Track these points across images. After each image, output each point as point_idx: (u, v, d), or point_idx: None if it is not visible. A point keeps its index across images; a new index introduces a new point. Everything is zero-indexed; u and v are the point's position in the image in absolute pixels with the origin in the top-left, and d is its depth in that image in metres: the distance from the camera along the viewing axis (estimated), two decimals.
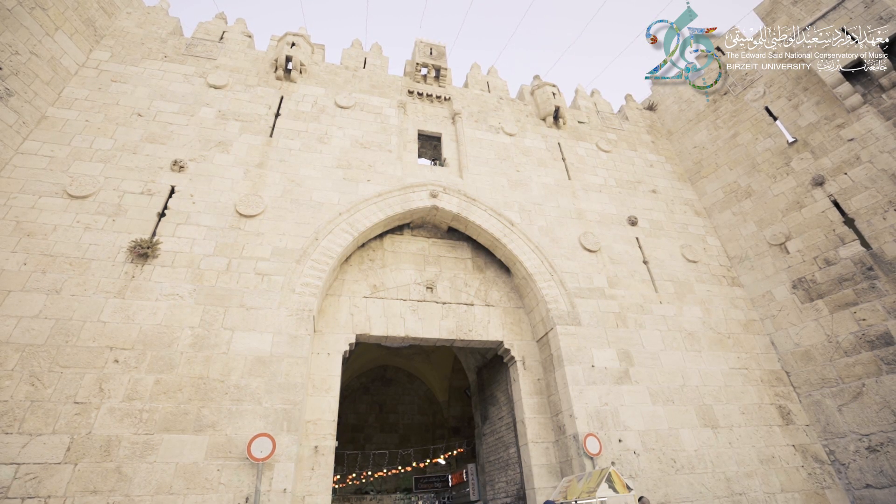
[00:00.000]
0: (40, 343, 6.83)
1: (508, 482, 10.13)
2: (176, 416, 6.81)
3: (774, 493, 9.02)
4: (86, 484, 6.04)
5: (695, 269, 12.04)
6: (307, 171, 10.38)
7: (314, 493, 7.42)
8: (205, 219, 8.91)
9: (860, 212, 10.49)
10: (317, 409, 8.15)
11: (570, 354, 9.32)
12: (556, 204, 12.04)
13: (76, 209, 8.30)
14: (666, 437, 8.98)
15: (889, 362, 9.27)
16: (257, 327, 7.92)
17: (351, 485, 17.46)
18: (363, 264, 10.25)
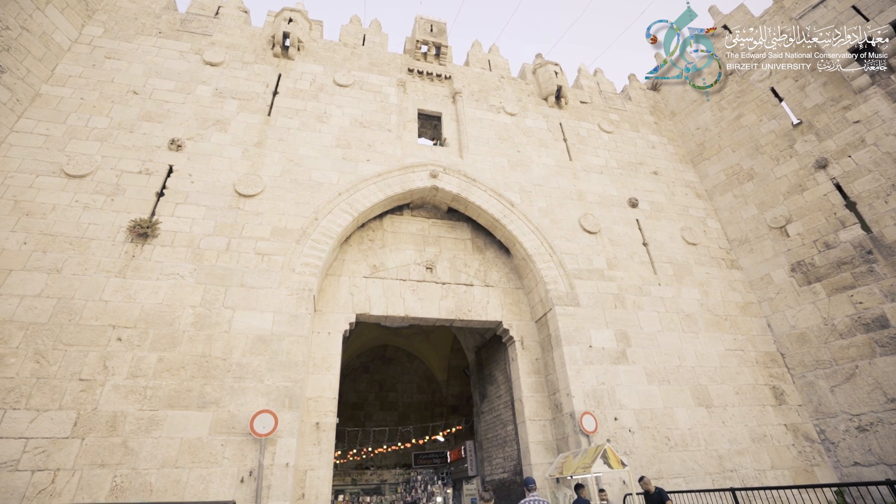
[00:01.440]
0: (43, 321, 6.89)
1: (506, 458, 10.37)
2: (179, 392, 6.92)
3: (765, 471, 9.24)
4: (93, 457, 6.19)
5: (694, 252, 12.06)
6: (306, 150, 10.29)
7: (316, 467, 7.61)
8: (204, 198, 8.87)
9: (862, 195, 10.44)
10: (318, 386, 8.29)
11: (569, 335, 9.42)
12: (556, 185, 11.97)
13: (74, 188, 8.27)
14: (661, 416, 9.15)
15: (883, 344, 9.38)
16: (258, 306, 7.98)
17: (352, 460, 17.88)
18: (363, 244, 10.27)
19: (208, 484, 6.44)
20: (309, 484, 7.45)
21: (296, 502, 7.22)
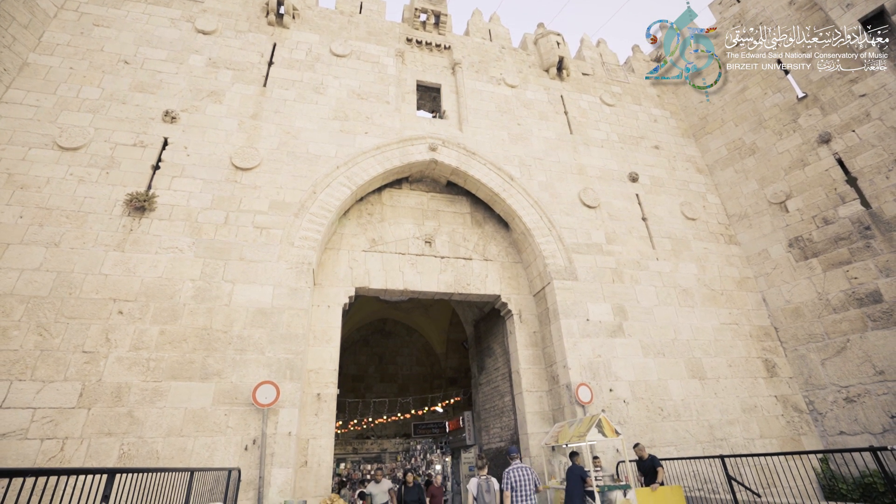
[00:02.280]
0: (44, 295, 6.92)
1: (503, 428, 10.65)
2: (182, 364, 7.03)
3: (753, 439, 9.53)
4: (100, 427, 6.33)
5: (693, 227, 12.07)
6: (303, 122, 10.13)
7: (318, 436, 7.81)
8: (200, 171, 8.78)
9: (864, 170, 10.39)
10: (318, 358, 8.42)
11: (566, 308, 9.53)
12: (556, 159, 11.86)
13: (68, 161, 8.16)
14: (655, 388, 9.36)
15: (875, 319, 9.52)
16: (258, 280, 8.02)
17: (353, 430, 18.34)
18: (361, 218, 10.23)
19: (213, 452, 6.62)
20: (311, 452, 7.67)
21: (299, 469, 7.44)
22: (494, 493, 6.35)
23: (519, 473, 6.36)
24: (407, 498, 7.76)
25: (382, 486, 8.02)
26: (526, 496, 6.18)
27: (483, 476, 6.52)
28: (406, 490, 7.90)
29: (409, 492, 7.85)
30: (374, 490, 7.96)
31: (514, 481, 6.29)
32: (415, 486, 8.04)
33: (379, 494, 7.81)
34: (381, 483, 8.07)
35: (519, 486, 6.25)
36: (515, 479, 6.31)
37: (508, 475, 6.40)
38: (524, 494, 6.17)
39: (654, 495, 7.32)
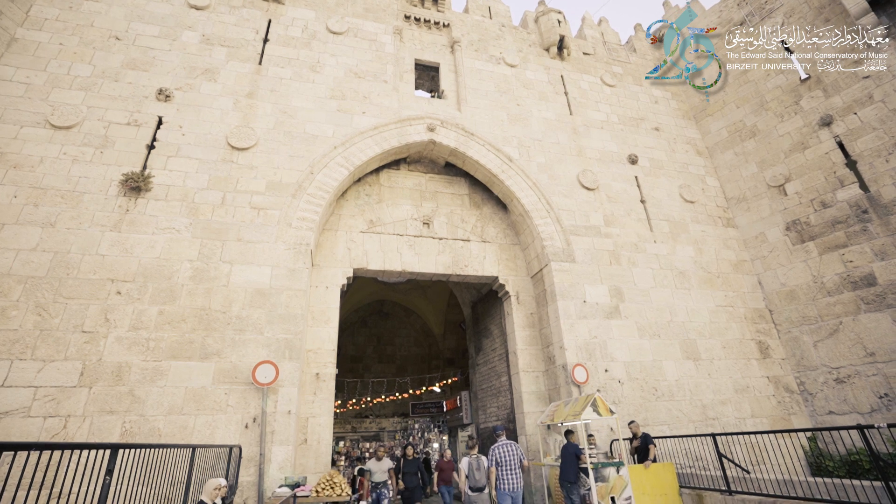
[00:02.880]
0: (41, 275, 6.91)
1: (499, 407, 10.82)
2: (181, 344, 7.08)
3: (745, 419, 9.73)
4: (102, 405, 6.41)
5: (691, 210, 12.07)
6: (300, 101, 9.98)
7: (317, 414, 7.94)
8: (196, 151, 8.68)
9: (864, 154, 10.35)
10: (317, 339, 8.49)
11: (564, 290, 9.58)
12: (555, 140, 11.76)
13: (61, 140, 8.04)
14: (650, 368, 9.50)
15: (868, 301, 9.62)
16: (255, 260, 8.02)
17: (352, 409, 18.61)
18: (359, 199, 10.18)
19: (214, 429, 6.73)
20: (311, 430, 7.80)
21: (298, 447, 7.58)
22: (484, 469, 6.65)
23: (505, 450, 6.60)
24: (406, 470, 7.85)
25: (383, 464, 8.02)
26: (511, 470, 6.44)
27: (474, 455, 6.85)
28: (405, 463, 7.99)
29: (409, 464, 7.94)
30: (374, 467, 7.97)
31: (499, 457, 6.54)
32: (414, 459, 8.10)
33: (378, 473, 7.82)
34: (383, 461, 8.07)
35: (504, 461, 6.50)
36: (501, 455, 6.55)
37: (494, 451, 6.63)
38: (509, 469, 6.44)
39: (646, 472, 7.51)
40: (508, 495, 6.40)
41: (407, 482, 7.66)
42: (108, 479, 3.07)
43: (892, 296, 9.31)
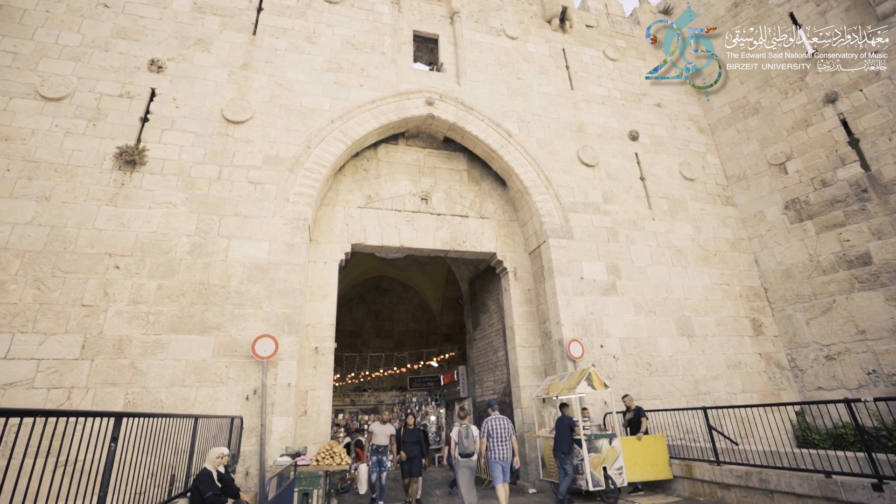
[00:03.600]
0: (39, 249, 6.90)
1: (496, 381, 11.03)
2: (181, 318, 7.14)
3: (735, 394, 9.95)
4: (104, 377, 6.51)
5: (691, 187, 12.02)
6: (295, 74, 9.77)
7: (316, 387, 8.08)
8: (190, 124, 8.54)
9: (867, 132, 10.24)
10: (315, 313, 8.56)
11: (561, 266, 9.63)
12: (556, 115, 11.60)
13: (52, 112, 7.89)
14: (644, 344, 9.65)
15: (863, 280, 9.70)
16: (253, 235, 8.01)
17: (350, 383, 18.92)
18: (357, 174, 10.10)
19: (216, 401, 6.86)
20: (310, 402, 7.95)
21: (299, 418, 7.74)
22: (473, 438, 6.93)
23: (497, 423, 6.92)
24: (406, 438, 7.83)
25: (387, 429, 8.08)
26: (502, 441, 6.78)
27: (464, 424, 7.10)
28: (406, 431, 7.96)
29: (409, 433, 7.92)
30: (377, 430, 8.04)
31: (491, 429, 6.87)
32: (415, 429, 8.07)
33: (381, 436, 7.90)
34: (387, 426, 8.13)
35: (496, 433, 6.83)
36: (493, 428, 6.87)
37: (487, 424, 6.93)
38: (501, 440, 6.79)
39: (638, 443, 7.73)
40: (499, 463, 6.72)
41: (408, 452, 7.70)
42: (112, 447, 3.15)
43: (887, 275, 9.39)
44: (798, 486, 5.64)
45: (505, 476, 6.73)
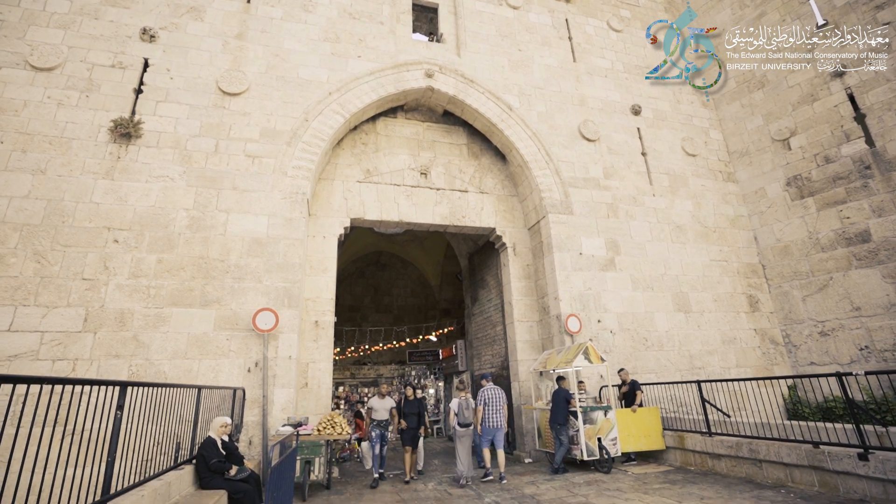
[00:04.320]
0: (36, 223, 6.88)
1: (494, 355, 11.20)
2: (182, 292, 7.18)
3: (729, 368, 10.12)
4: (108, 349, 6.59)
5: (692, 163, 11.91)
6: (292, 44, 9.52)
7: (317, 360, 8.21)
8: (185, 96, 8.38)
9: (874, 107, 10.08)
10: (315, 287, 8.62)
11: (560, 242, 9.64)
12: (557, 88, 11.38)
13: (44, 83, 7.72)
14: (641, 320, 9.75)
15: (861, 258, 9.74)
16: (252, 210, 7.97)
17: (350, 357, 19.21)
18: (356, 148, 9.98)
19: (218, 373, 6.97)
20: (311, 375, 8.09)
21: (300, 390, 7.89)
22: (471, 409, 7.32)
23: (491, 392, 7.37)
24: (406, 410, 7.68)
25: (386, 402, 7.82)
26: (496, 410, 7.25)
27: (463, 396, 7.41)
28: (406, 403, 7.78)
29: (409, 405, 7.75)
30: (377, 405, 7.78)
31: (487, 399, 7.31)
32: (415, 400, 7.85)
33: (381, 411, 7.73)
34: (385, 400, 7.86)
35: (491, 402, 7.30)
36: (489, 397, 7.32)
37: (483, 394, 7.38)
38: (495, 409, 7.26)
39: (632, 415, 7.91)
40: (493, 430, 7.19)
41: (407, 423, 7.63)
42: (119, 414, 3.22)
43: (885, 252, 9.41)
44: (786, 455, 5.81)
45: (500, 442, 7.16)
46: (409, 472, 7.49)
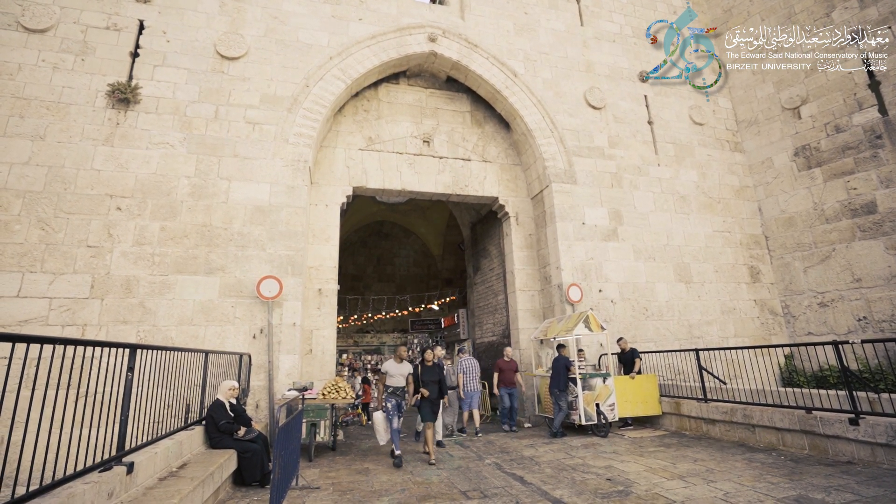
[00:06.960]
0: (39, 190, 6.86)
1: (495, 324, 11.35)
2: (186, 259, 7.24)
3: (728, 338, 10.26)
4: (115, 315, 6.71)
5: (699, 132, 11.69)
6: (291, 5, 9.21)
7: (321, 327, 8.34)
8: (183, 60, 8.19)
9: (889, 73, 9.79)
10: (318, 256, 8.66)
11: (563, 212, 9.60)
12: (563, 54, 11.06)
13: (38, 45, 7.54)
14: (642, 289, 9.82)
15: (865, 229, 9.69)
16: (254, 177, 7.93)
17: (353, 325, 19.51)
18: (357, 115, 9.82)
19: (224, 339, 7.11)
20: (315, 341, 8.25)
21: (304, 356, 8.06)
22: (457, 374, 8.45)
23: (468, 363, 8.56)
24: (425, 378, 6.42)
25: (403, 368, 6.50)
26: (473, 378, 8.47)
27: (465, 356, 8.74)
28: (424, 370, 6.50)
29: (429, 371, 6.49)
30: (392, 370, 6.45)
31: (465, 367, 8.48)
32: (434, 365, 6.58)
33: (397, 377, 6.43)
34: (403, 365, 6.53)
35: (468, 370, 8.48)
36: (466, 366, 8.50)
37: (461, 363, 8.56)
38: (471, 377, 8.46)
39: (630, 382, 8.09)
40: (472, 393, 8.44)
41: (429, 392, 6.36)
42: (129, 375, 3.31)
43: (889, 223, 9.35)
44: (779, 420, 5.97)
45: (476, 403, 8.50)
46: (433, 451, 6.28)
